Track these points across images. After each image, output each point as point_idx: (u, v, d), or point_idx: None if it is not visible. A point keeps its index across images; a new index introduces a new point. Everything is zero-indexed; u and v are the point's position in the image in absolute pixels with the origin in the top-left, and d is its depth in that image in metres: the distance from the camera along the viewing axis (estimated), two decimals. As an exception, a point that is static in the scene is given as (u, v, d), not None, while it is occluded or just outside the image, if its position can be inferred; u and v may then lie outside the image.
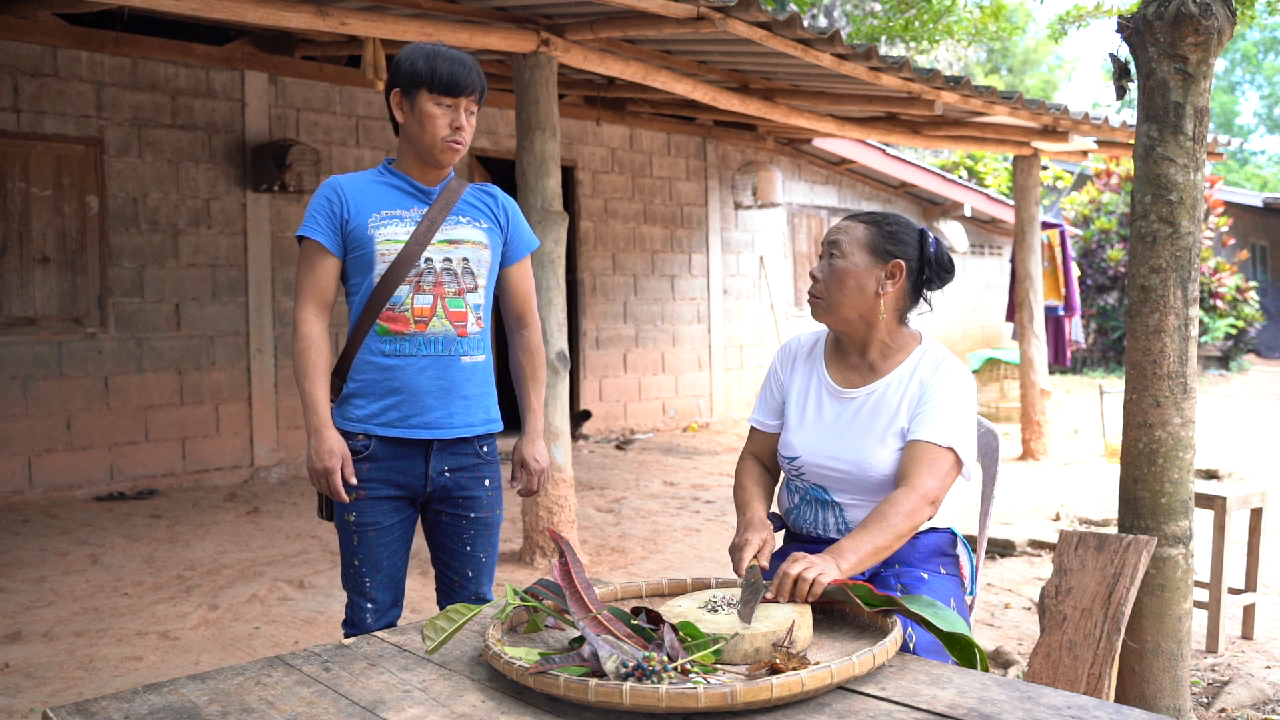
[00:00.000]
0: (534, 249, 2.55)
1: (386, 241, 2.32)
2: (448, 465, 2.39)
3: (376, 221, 2.34)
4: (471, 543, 2.45)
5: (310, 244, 2.35)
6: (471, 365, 2.39)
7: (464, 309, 2.36)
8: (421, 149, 2.35)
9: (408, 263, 2.31)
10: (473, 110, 2.35)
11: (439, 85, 2.29)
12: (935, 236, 2.23)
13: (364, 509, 2.37)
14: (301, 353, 2.32)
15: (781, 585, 1.76)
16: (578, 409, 8.97)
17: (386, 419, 2.33)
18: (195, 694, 1.55)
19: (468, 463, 2.42)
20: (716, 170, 10.35)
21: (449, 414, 2.36)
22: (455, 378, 2.36)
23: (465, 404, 2.38)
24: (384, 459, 2.36)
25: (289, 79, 7.25)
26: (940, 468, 2.06)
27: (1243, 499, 3.85)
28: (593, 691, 1.39)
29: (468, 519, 2.43)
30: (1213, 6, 2.71)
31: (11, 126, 6.16)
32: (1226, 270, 15.64)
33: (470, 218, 2.41)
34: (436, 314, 2.33)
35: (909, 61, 5.93)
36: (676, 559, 5.11)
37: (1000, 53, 31.54)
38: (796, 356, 2.34)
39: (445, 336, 2.34)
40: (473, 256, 2.39)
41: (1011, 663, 3.51)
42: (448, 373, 2.35)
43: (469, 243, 2.39)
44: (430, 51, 2.31)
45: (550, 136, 4.93)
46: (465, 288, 2.37)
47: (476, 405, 2.40)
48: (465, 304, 2.37)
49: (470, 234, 2.40)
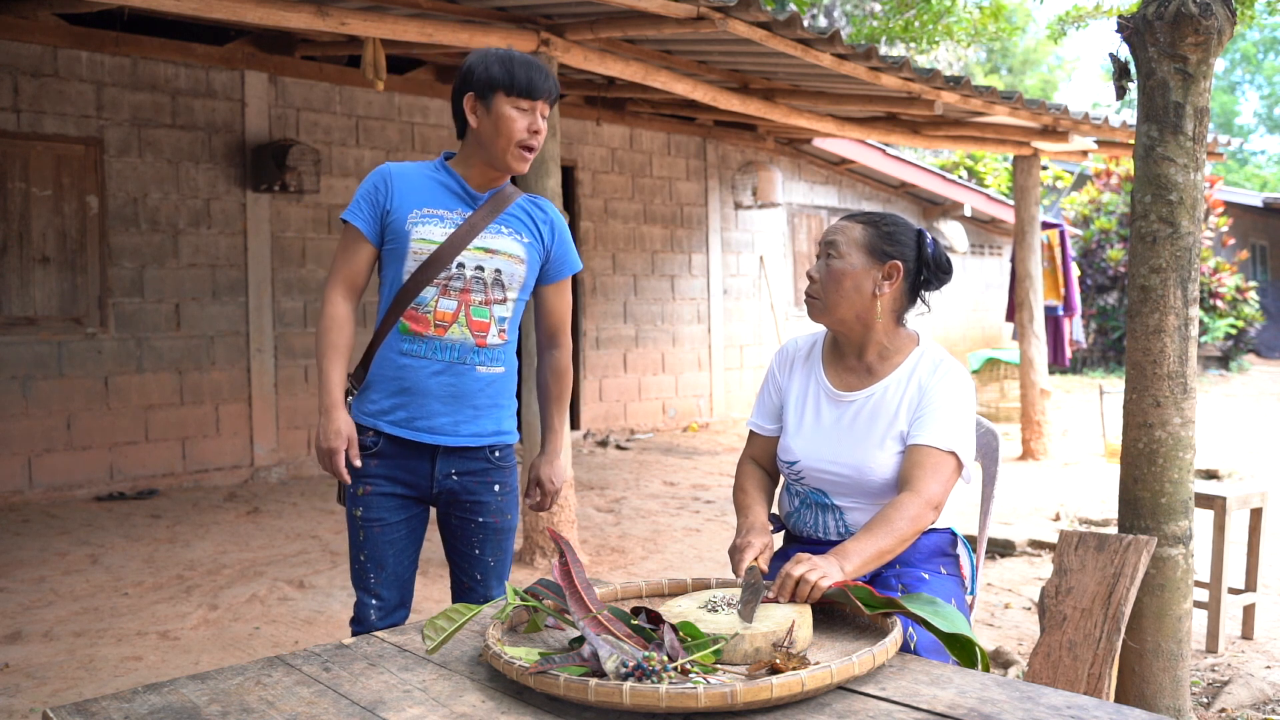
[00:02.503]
0: (576, 271, 2.52)
1: (421, 240, 2.30)
2: (454, 469, 2.37)
3: (416, 218, 2.32)
4: (480, 546, 2.43)
5: (350, 228, 2.35)
6: (487, 376, 2.36)
7: (487, 319, 2.33)
8: (495, 153, 2.30)
9: (438, 265, 2.29)
10: (546, 114, 2.32)
11: (518, 88, 2.27)
12: (933, 237, 2.23)
13: (370, 504, 2.36)
14: (324, 331, 2.33)
15: (783, 585, 1.76)
16: (578, 409, 8.97)
17: (395, 418, 2.33)
18: (195, 694, 1.55)
19: (476, 467, 2.39)
20: (716, 170, 10.35)
21: (455, 422, 2.34)
22: (467, 386, 2.33)
23: (475, 414, 2.35)
24: (391, 456, 2.35)
25: (289, 79, 7.25)
26: (943, 472, 2.06)
27: (1243, 499, 3.85)
28: (593, 691, 1.39)
29: (476, 523, 2.41)
30: (1213, 6, 2.71)
31: (11, 126, 6.16)
32: (1226, 270, 15.64)
33: (513, 229, 2.37)
34: (458, 320, 2.31)
35: (909, 61, 5.93)
36: (676, 559, 5.11)
37: (1000, 53, 31.54)
38: (794, 360, 2.33)
39: (463, 344, 2.32)
40: (506, 269, 2.35)
41: (1011, 663, 3.51)
42: (460, 380, 2.32)
43: (505, 254, 2.35)
44: (505, 56, 2.29)
45: (550, 136, 4.93)
46: (493, 298, 2.34)
47: (487, 416, 2.38)
48: (490, 314, 2.33)
49: (508, 245, 2.36)
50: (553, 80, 2.32)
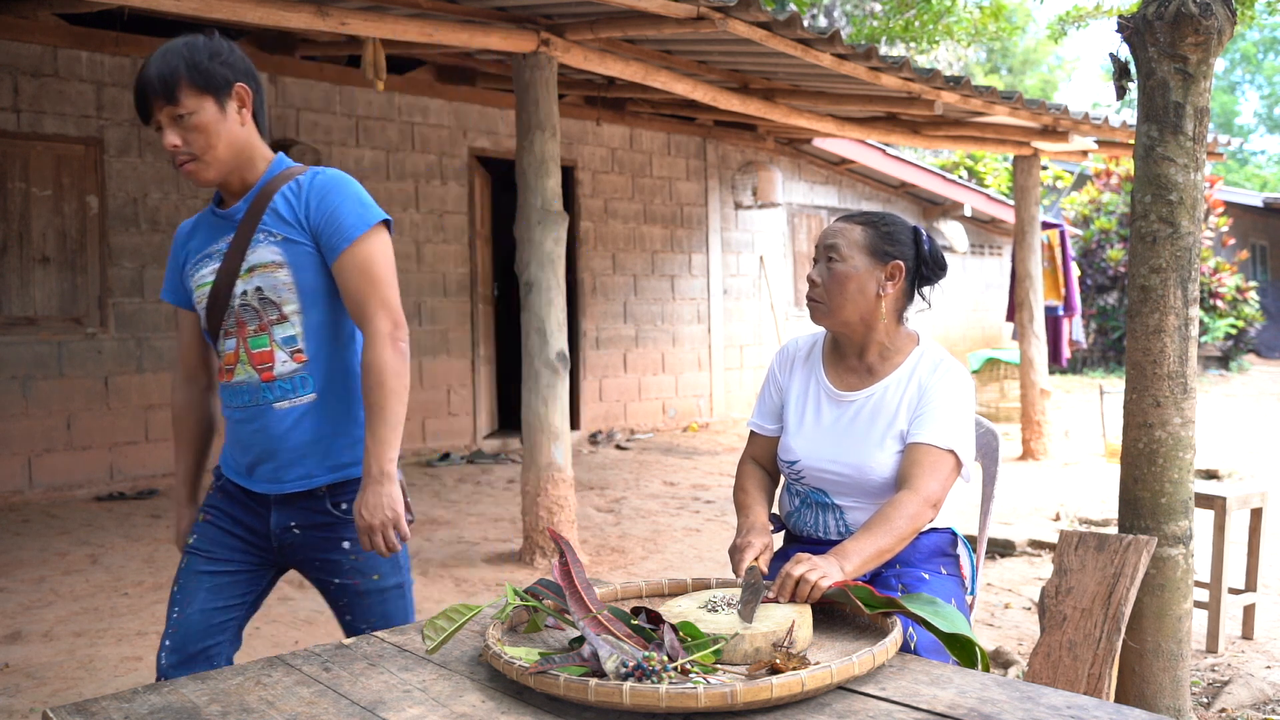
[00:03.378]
0: (362, 232, 1.99)
1: (200, 286, 2.06)
2: (294, 521, 2.06)
3: (192, 266, 2.09)
4: (349, 611, 2.10)
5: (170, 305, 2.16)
6: (288, 412, 2.02)
7: (268, 347, 2.01)
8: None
9: (215, 307, 2.03)
10: (180, 114, 1.94)
11: (142, 115, 1.98)
12: (927, 233, 2.24)
13: (204, 532, 2.11)
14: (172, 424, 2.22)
15: (784, 585, 1.76)
16: (578, 409, 8.97)
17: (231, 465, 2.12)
18: (195, 694, 1.55)
19: (318, 520, 2.06)
20: (716, 170, 10.35)
21: (274, 468, 2.04)
22: (273, 428, 2.03)
23: (293, 456, 2.03)
24: (234, 496, 2.12)
25: (289, 79, 7.25)
26: (941, 470, 2.06)
27: (1243, 499, 3.85)
28: (593, 691, 1.39)
29: (334, 585, 2.09)
30: (1213, 6, 2.71)
31: (11, 126, 6.16)
32: (1226, 270, 15.64)
33: (267, 233, 2.01)
34: (240, 359, 2.03)
35: (909, 61, 5.93)
36: (676, 559, 5.11)
37: (1000, 53, 31.54)
38: (794, 360, 2.33)
39: (249, 384, 2.03)
40: (265, 283, 2.00)
41: (1011, 663, 3.51)
42: (263, 423, 2.03)
43: (262, 267, 2.00)
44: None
45: (550, 136, 4.93)
46: (269, 321, 2.01)
47: (311, 455, 2.03)
48: (270, 340, 2.01)
49: (263, 256, 2.01)
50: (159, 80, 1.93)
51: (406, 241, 7.88)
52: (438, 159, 8.13)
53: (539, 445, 4.84)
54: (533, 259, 4.90)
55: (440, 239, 8.13)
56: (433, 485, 7.01)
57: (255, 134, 2.06)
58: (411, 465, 7.72)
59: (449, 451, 8.02)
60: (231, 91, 1.99)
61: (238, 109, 2.01)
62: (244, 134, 2.03)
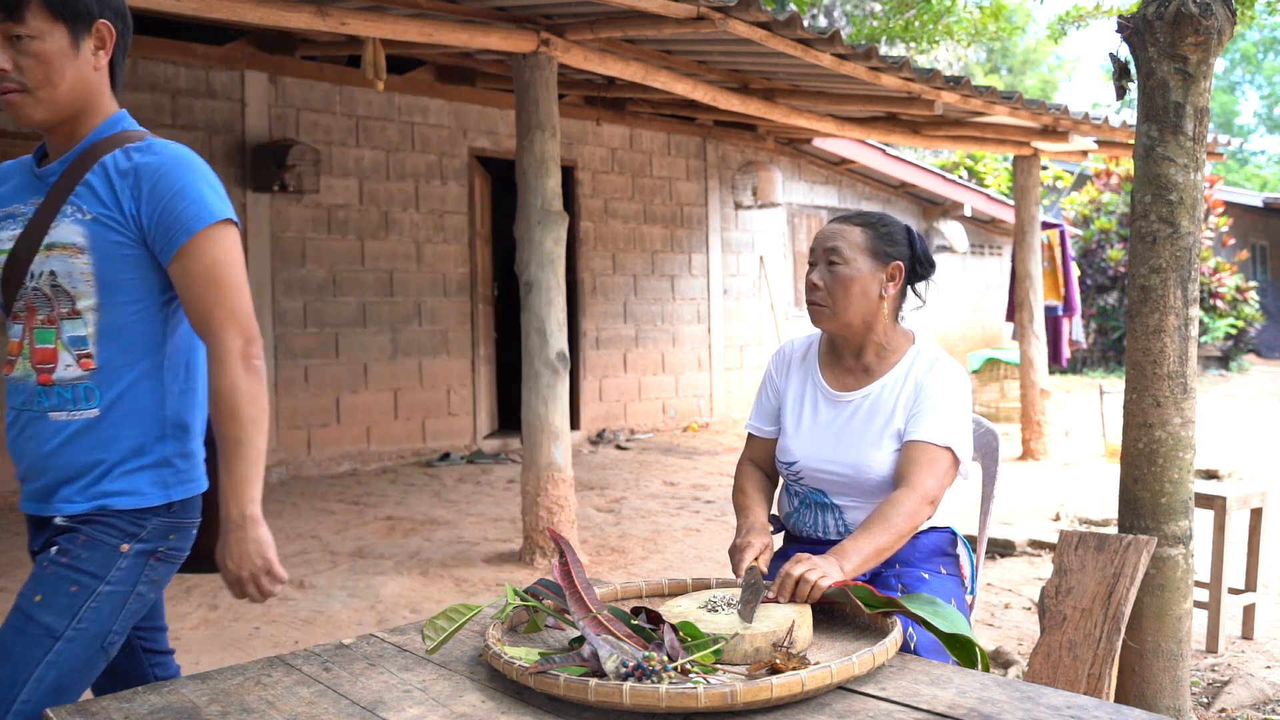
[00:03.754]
0: (203, 226, 1.69)
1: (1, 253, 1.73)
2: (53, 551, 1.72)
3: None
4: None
5: None
6: (63, 425, 1.70)
7: (52, 345, 1.70)
8: None
9: (9, 282, 1.71)
10: (19, 34, 1.63)
11: None
12: (917, 232, 2.25)
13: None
14: None
15: (783, 585, 1.76)
16: (578, 409, 8.97)
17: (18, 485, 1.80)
18: (195, 694, 1.55)
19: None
20: (716, 170, 10.35)
21: (41, 487, 1.74)
22: (44, 442, 1.71)
23: (59, 476, 1.71)
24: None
25: (289, 79, 7.25)
26: (939, 467, 2.06)
27: (1243, 499, 3.85)
28: (593, 691, 1.39)
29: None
30: (1213, 6, 2.71)
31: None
32: (1226, 270, 15.64)
33: (76, 208, 1.69)
34: (23, 352, 1.71)
35: (909, 61, 5.93)
36: (676, 559, 5.11)
37: (1000, 53, 31.54)
38: (790, 362, 2.33)
39: (25, 385, 1.71)
40: (61, 268, 1.68)
41: (1011, 663, 3.52)
42: (35, 433, 1.72)
43: (60, 248, 1.68)
44: None
45: (550, 136, 4.93)
46: (60, 313, 1.69)
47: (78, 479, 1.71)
48: (56, 336, 1.69)
49: (64, 234, 1.68)
50: None
51: (406, 241, 7.88)
52: (438, 159, 8.13)
53: (539, 445, 4.84)
54: (533, 259, 4.90)
55: (440, 239, 8.13)
56: (433, 485, 7.02)
57: (106, 83, 1.76)
58: (411, 465, 7.72)
59: (449, 451, 8.03)
60: (92, 27, 1.69)
61: (94, 49, 1.71)
62: (93, 80, 1.72)
